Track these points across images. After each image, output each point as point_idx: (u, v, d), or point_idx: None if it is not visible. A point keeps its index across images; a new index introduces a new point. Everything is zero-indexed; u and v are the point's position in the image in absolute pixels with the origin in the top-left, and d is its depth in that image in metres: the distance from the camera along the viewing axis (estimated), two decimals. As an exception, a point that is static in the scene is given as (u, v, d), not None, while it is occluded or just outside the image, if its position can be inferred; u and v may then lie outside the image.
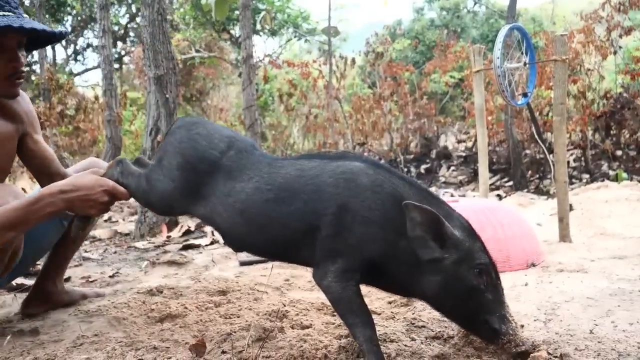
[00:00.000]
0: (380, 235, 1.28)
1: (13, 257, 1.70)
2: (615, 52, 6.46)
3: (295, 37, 12.33)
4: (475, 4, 18.37)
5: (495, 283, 1.27)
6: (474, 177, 7.00)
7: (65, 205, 1.52)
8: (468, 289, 1.24)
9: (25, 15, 1.64)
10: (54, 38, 1.80)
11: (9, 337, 1.77)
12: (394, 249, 1.28)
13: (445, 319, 1.70)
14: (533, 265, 2.41)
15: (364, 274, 1.33)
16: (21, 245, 1.71)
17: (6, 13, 1.57)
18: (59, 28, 1.63)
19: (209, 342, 1.56)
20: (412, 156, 8.10)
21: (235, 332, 1.64)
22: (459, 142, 9.04)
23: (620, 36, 6.47)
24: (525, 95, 3.07)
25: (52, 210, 1.52)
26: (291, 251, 1.41)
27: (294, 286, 2.38)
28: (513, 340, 1.25)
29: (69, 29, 16.52)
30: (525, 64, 3.06)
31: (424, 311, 1.79)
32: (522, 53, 3.16)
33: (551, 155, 3.48)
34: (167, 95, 3.60)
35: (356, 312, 1.30)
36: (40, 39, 1.79)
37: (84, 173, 1.59)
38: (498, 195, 5.17)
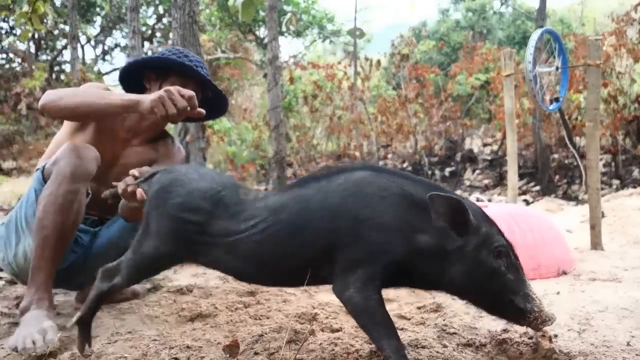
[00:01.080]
0: (399, 236, 1.28)
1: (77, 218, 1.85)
2: (647, 55, 6.32)
3: (319, 38, 12.36)
4: (501, 5, 18.14)
5: (515, 263, 1.28)
6: (499, 181, 6.93)
7: (150, 107, 1.71)
8: (491, 271, 1.25)
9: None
10: (221, 109, 2.20)
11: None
12: (415, 246, 1.28)
13: (476, 325, 1.70)
14: (564, 273, 2.37)
15: (386, 279, 1.32)
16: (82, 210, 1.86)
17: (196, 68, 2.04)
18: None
19: (241, 343, 1.58)
20: (436, 159, 8.05)
21: (266, 334, 1.66)
22: (484, 145, 8.94)
23: (653, 39, 6.34)
24: (557, 100, 3.02)
25: (140, 107, 1.75)
26: (311, 276, 1.38)
27: (322, 288, 2.38)
28: (539, 317, 1.25)
29: (98, 29, 16.85)
30: (557, 68, 3.01)
31: (454, 317, 1.78)
32: (553, 57, 3.12)
33: (583, 161, 3.42)
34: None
35: (380, 323, 1.28)
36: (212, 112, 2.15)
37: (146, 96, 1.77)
38: (525, 200, 5.11)
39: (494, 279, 1.25)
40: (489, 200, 5.36)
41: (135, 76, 2.07)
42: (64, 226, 1.79)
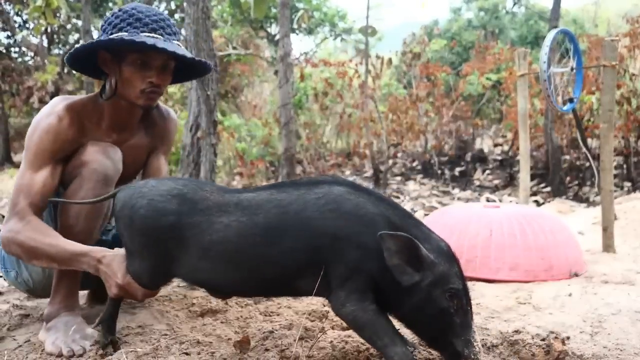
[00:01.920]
0: (375, 255, 1.28)
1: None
2: (662, 57, 6.25)
3: (331, 36, 12.34)
4: (514, 4, 18.01)
5: (465, 308, 1.28)
6: (509, 181, 6.89)
7: (94, 272, 1.59)
8: (440, 311, 1.26)
9: (178, 43, 1.73)
10: (204, 71, 1.90)
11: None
12: (386, 269, 1.28)
13: (487, 326, 1.69)
14: (576, 275, 2.35)
15: (374, 294, 1.33)
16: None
17: (156, 36, 1.66)
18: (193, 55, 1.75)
19: (251, 339, 1.58)
20: (446, 158, 8.02)
21: (276, 330, 1.66)
22: (495, 145, 8.89)
23: (669, 40, 6.26)
24: (571, 100, 2.99)
25: (85, 268, 1.59)
26: (287, 287, 1.41)
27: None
28: None
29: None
30: (572, 68, 2.99)
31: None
32: (568, 57, 3.09)
33: (595, 162, 3.39)
34: (209, 92, 3.66)
35: (381, 331, 1.29)
36: (194, 71, 1.90)
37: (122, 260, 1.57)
38: (536, 201, 5.08)
39: (441, 318, 1.27)
40: (500, 201, 5.33)
41: (88, 58, 1.75)
42: (94, 232, 1.76)
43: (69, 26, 14.80)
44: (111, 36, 1.65)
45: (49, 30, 13.98)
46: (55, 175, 1.69)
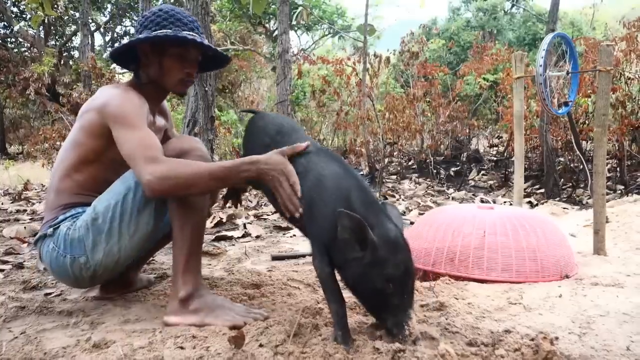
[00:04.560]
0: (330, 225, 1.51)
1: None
2: (657, 62, 6.29)
3: (329, 33, 12.34)
4: (512, 6, 18.04)
5: (403, 292, 1.43)
6: (504, 182, 6.93)
7: (256, 175, 1.70)
8: (373, 289, 1.44)
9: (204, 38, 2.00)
10: (223, 63, 2.20)
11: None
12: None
13: (478, 325, 1.72)
14: (567, 276, 2.38)
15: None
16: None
17: (193, 34, 1.95)
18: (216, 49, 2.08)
19: (246, 335, 1.60)
20: (442, 158, 8.05)
21: (271, 327, 1.68)
22: (490, 146, 8.93)
23: (665, 45, 6.30)
24: (566, 104, 3.03)
25: (247, 175, 1.70)
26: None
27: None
28: (403, 344, 1.43)
29: (108, 17, 16.85)
30: (567, 72, 3.02)
31: (457, 317, 1.80)
32: (564, 61, 3.12)
33: (588, 165, 3.42)
34: (207, 88, 3.66)
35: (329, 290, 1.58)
36: (212, 64, 2.16)
37: (275, 152, 1.73)
38: (530, 202, 5.11)
39: (374, 296, 1.46)
40: (494, 202, 5.36)
41: (125, 50, 1.98)
42: (209, 209, 2.03)
43: (66, 17, 14.73)
44: (157, 32, 1.89)
45: (46, 21, 13.91)
46: None
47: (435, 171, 7.56)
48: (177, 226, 1.83)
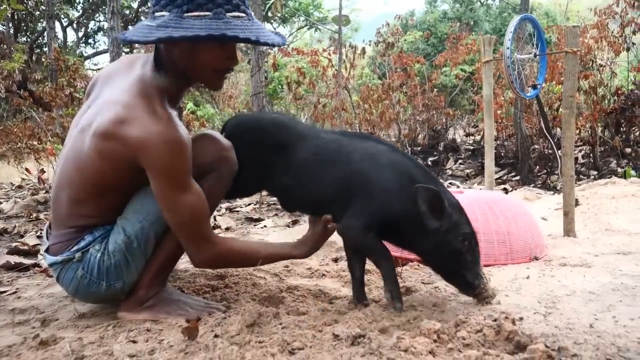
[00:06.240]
0: (396, 200, 1.64)
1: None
2: (628, 49, 6.35)
3: (305, 25, 12.26)
4: (488, -4, 18.13)
5: (474, 248, 1.64)
6: (481, 170, 6.94)
7: (304, 256, 1.86)
8: (453, 250, 1.62)
9: (253, 16, 1.61)
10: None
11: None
12: (405, 213, 1.62)
13: (443, 309, 1.69)
14: (536, 258, 2.37)
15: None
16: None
17: (240, 14, 1.54)
18: (275, 36, 1.62)
19: (203, 326, 1.54)
20: (419, 148, 8.04)
21: (230, 317, 1.63)
22: (467, 135, 8.96)
23: (634, 32, 6.36)
24: (534, 87, 3.01)
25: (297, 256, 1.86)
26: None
27: (293, 273, 2.36)
28: (483, 293, 1.65)
29: (80, 12, 16.51)
30: (535, 55, 3.00)
31: (422, 301, 1.77)
32: (533, 45, 3.10)
33: (559, 150, 3.42)
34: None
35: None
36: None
37: (305, 239, 1.85)
38: (504, 189, 5.12)
39: (454, 256, 1.63)
40: (470, 188, 5.36)
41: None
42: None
43: (37, 13, 14.39)
44: (191, 19, 1.48)
45: (15, 17, 13.58)
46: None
47: (412, 161, 7.54)
48: (170, 235, 1.69)
